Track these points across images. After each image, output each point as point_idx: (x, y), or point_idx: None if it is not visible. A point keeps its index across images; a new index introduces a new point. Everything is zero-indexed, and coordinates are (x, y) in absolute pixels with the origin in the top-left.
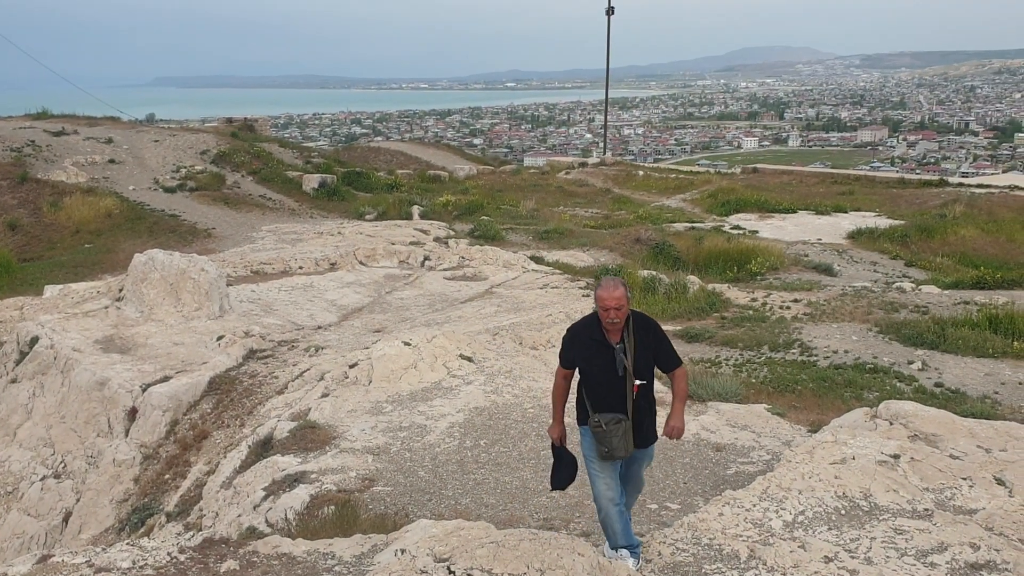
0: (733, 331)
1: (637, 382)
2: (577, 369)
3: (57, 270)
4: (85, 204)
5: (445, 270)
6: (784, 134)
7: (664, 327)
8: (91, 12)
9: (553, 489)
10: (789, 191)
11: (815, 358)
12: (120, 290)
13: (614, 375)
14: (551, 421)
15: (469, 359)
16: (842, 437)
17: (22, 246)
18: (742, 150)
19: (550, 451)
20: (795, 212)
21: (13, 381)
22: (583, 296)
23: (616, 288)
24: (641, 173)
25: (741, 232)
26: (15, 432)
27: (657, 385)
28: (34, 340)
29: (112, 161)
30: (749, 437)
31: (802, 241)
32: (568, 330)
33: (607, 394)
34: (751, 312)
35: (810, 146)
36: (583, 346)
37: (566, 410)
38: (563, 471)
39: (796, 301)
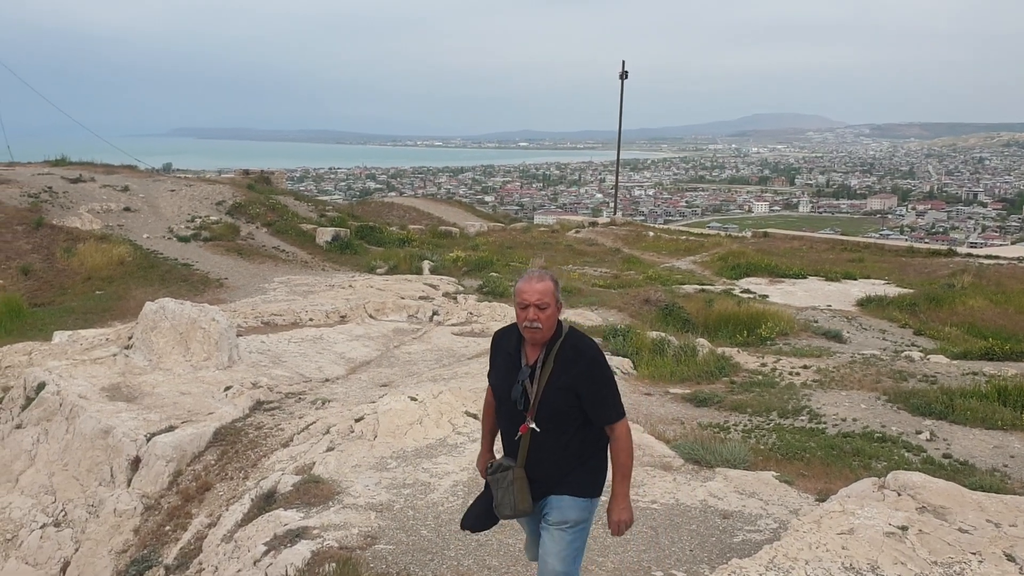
0: (742, 396)
1: (530, 423)
2: None
3: (67, 316)
4: (98, 251)
5: (453, 325)
6: (794, 200)
7: (673, 390)
8: (112, 62)
9: (462, 528)
10: (799, 256)
11: (824, 425)
12: (129, 338)
13: (513, 406)
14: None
15: (475, 416)
16: (850, 507)
17: (34, 291)
18: (753, 214)
19: None
20: (805, 278)
21: (18, 427)
22: None
23: (541, 280)
24: (651, 234)
25: (751, 296)
26: (17, 479)
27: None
28: (41, 386)
29: (127, 209)
30: (757, 504)
31: (812, 307)
32: (494, 334)
33: (506, 429)
34: (760, 377)
35: (820, 212)
36: (497, 357)
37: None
38: (478, 505)
39: (805, 367)
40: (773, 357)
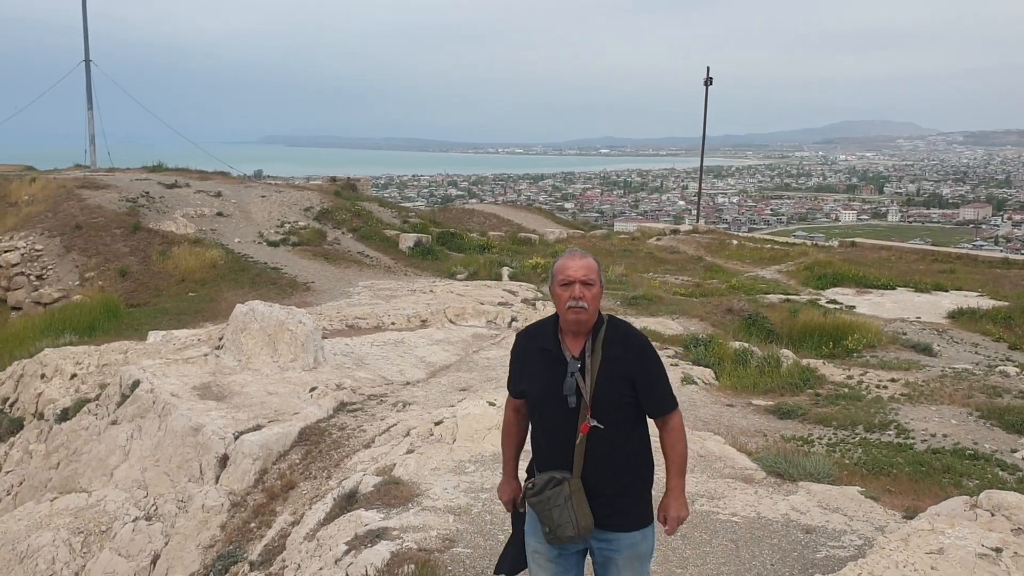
0: (827, 409)
1: (591, 422)
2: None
3: (161, 316)
4: (192, 254)
5: None
6: (883, 209)
7: (755, 401)
8: (208, 72)
9: (496, 574)
10: (888, 267)
11: (912, 441)
12: (220, 339)
13: (562, 407)
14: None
15: None
16: (939, 526)
17: (130, 292)
18: (840, 223)
19: None
20: (894, 289)
21: (114, 423)
22: (671, 365)
23: (583, 257)
24: (735, 242)
25: (838, 307)
26: (112, 473)
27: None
28: (135, 383)
29: (220, 214)
30: (841, 520)
31: (900, 319)
32: (516, 336)
33: (551, 436)
34: (846, 390)
35: (910, 222)
36: (529, 358)
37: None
38: (511, 547)
39: (893, 381)
40: (860, 369)
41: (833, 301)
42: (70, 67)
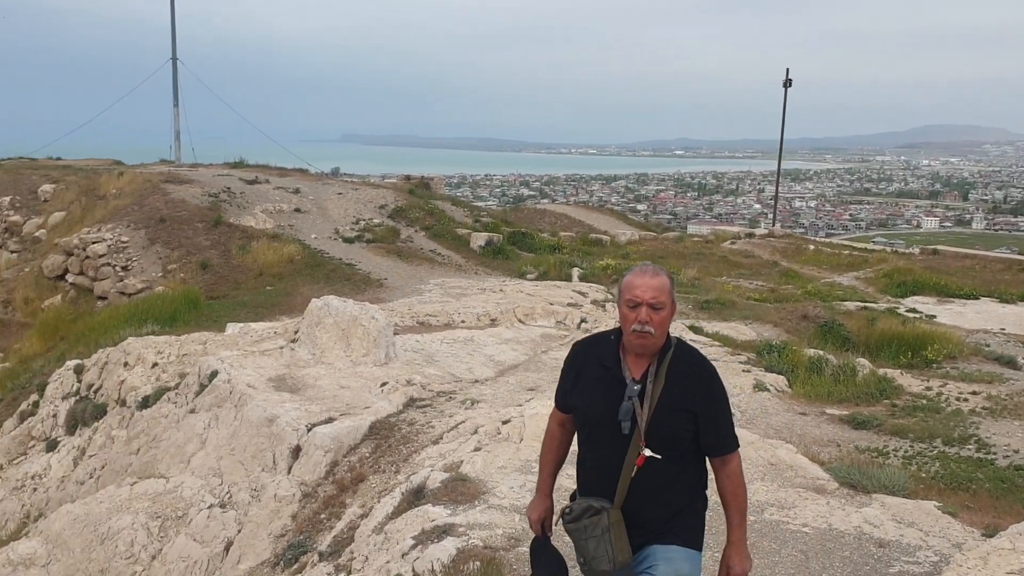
0: (904, 420)
1: (645, 452)
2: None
3: (239, 309)
4: (270, 249)
5: None
6: (968, 216)
7: (829, 411)
8: (289, 71)
9: None
10: (971, 276)
11: (993, 456)
12: (295, 332)
13: (614, 431)
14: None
15: None
16: (1021, 545)
17: (211, 285)
18: (921, 230)
19: None
20: (977, 298)
21: (192, 411)
22: (743, 371)
23: (656, 275)
24: (812, 247)
25: (917, 316)
26: (189, 460)
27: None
28: (213, 374)
29: (298, 210)
30: (916, 535)
31: (983, 330)
32: (572, 346)
33: (597, 460)
34: (924, 401)
35: (996, 230)
36: (586, 370)
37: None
38: (538, 572)
39: (975, 393)
40: (939, 381)
41: (912, 310)
42: (157, 65)
